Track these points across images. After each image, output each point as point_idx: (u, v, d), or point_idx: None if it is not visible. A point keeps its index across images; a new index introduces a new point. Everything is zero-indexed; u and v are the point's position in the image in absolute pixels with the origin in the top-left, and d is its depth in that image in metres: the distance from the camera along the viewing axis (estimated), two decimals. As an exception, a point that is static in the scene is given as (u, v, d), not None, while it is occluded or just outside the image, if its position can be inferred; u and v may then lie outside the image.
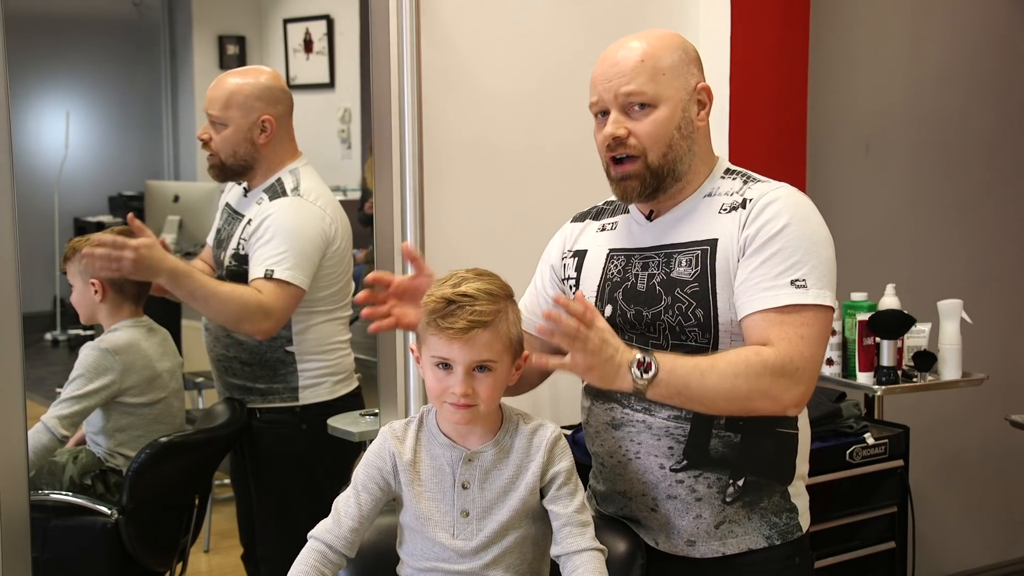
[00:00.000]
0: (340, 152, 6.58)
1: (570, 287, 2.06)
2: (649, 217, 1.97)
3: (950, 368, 3.15)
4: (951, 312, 3.16)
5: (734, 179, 1.95)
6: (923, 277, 3.69)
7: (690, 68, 1.92)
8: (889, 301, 3.07)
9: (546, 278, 2.12)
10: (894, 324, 3.03)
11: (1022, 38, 4.06)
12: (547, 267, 2.12)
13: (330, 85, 6.80)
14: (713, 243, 1.88)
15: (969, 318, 3.17)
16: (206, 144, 2.89)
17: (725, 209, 1.90)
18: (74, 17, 7.72)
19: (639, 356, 1.74)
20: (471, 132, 2.89)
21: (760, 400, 1.78)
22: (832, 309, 1.85)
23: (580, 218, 2.12)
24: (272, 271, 2.74)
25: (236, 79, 2.88)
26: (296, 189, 2.85)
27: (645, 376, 1.74)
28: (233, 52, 7.27)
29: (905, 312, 3.04)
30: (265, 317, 2.70)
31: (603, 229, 2.05)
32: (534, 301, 2.11)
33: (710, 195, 1.93)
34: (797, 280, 1.80)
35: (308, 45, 6.84)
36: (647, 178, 1.89)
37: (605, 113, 1.91)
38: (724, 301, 1.85)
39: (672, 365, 1.76)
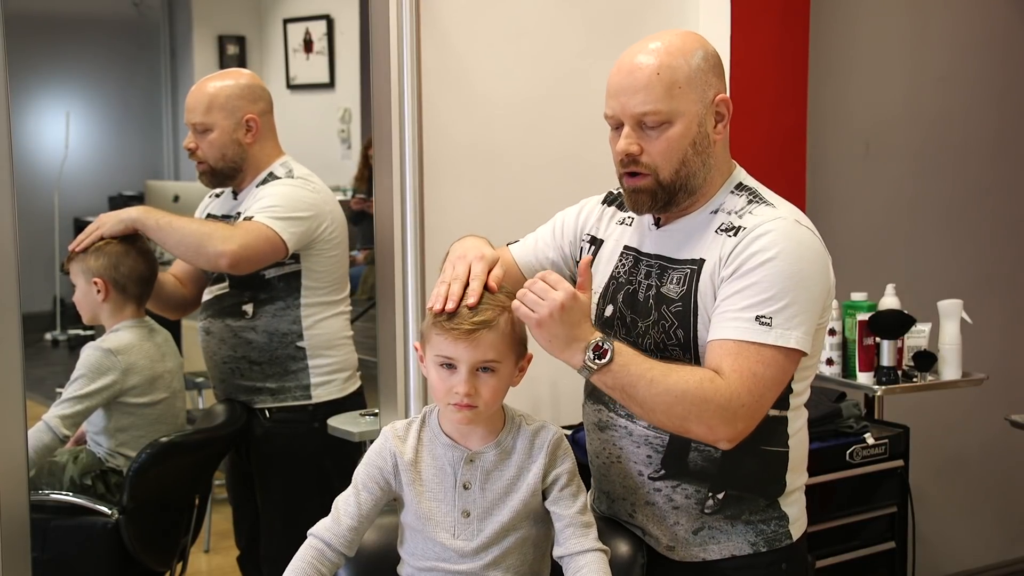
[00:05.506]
0: (340, 152, 6.58)
1: None
2: (657, 223, 1.93)
3: (950, 368, 3.15)
4: (951, 312, 3.16)
5: (740, 196, 1.88)
6: (923, 277, 3.68)
7: (708, 78, 1.82)
8: (889, 301, 3.07)
9: (557, 235, 2.07)
10: (894, 324, 3.03)
11: (1022, 38, 4.06)
12: (560, 227, 2.08)
13: (330, 85, 6.81)
14: (701, 263, 1.84)
15: (969, 318, 3.17)
16: (193, 153, 2.89)
17: (722, 229, 1.84)
18: (74, 17, 7.72)
19: (598, 340, 1.71)
20: (471, 132, 2.89)
21: (695, 426, 1.73)
22: (800, 352, 1.76)
23: (609, 201, 2.06)
24: (252, 216, 2.77)
25: (214, 83, 2.88)
26: (290, 174, 2.90)
27: (597, 361, 1.71)
28: (233, 52, 7.27)
29: (905, 312, 3.04)
30: (227, 240, 2.67)
31: (622, 223, 2.01)
32: (529, 252, 2.08)
33: (715, 211, 1.87)
34: (763, 317, 1.73)
35: (308, 45, 6.84)
36: (658, 193, 1.84)
37: (620, 125, 1.84)
38: (704, 325, 1.81)
39: (627, 360, 1.72)
